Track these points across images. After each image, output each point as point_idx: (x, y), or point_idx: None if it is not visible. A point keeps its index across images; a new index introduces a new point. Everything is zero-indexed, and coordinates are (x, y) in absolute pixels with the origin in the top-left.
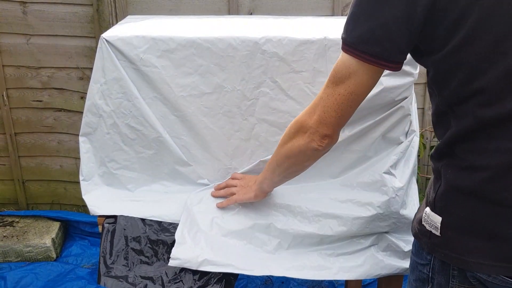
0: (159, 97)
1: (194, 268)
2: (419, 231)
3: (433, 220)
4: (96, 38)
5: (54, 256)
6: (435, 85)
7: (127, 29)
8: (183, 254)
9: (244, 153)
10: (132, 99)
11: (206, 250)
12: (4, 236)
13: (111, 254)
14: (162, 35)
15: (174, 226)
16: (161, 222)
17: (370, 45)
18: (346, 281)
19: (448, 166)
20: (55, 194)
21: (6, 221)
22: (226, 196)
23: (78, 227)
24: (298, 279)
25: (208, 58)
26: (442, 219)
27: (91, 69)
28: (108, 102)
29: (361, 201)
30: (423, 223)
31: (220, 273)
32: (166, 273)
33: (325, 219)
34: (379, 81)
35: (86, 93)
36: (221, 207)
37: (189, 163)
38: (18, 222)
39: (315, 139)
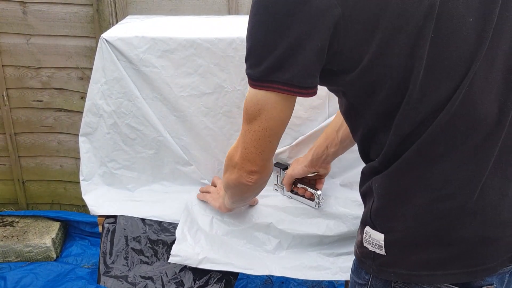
0: (159, 97)
1: (194, 265)
2: (362, 254)
3: (375, 238)
4: (96, 38)
5: (54, 256)
6: (361, 103)
7: (127, 29)
8: (184, 252)
9: None
10: (133, 99)
11: (206, 248)
12: (4, 236)
13: (111, 254)
14: (162, 35)
15: (174, 226)
16: (161, 222)
17: (279, 73)
18: (346, 281)
19: (378, 179)
20: (55, 194)
21: (6, 221)
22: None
23: (78, 227)
24: (298, 279)
25: (208, 58)
26: (385, 236)
27: (91, 69)
28: (109, 102)
29: (361, 201)
30: (364, 244)
31: (220, 272)
32: (166, 273)
33: (325, 219)
34: None
35: (86, 93)
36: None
37: (189, 162)
38: (18, 222)
39: (243, 175)
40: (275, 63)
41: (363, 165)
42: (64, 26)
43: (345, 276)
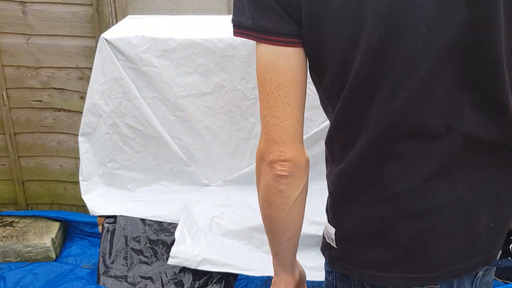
0: (159, 97)
1: (193, 267)
2: (322, 244)
3: (329, 232)
4: (96, 38)
5: (54, 256)
6: (317, 87)
7: (127, 29)
8: (183, 253)
9: (244, 152)
10: (132, 99)
11: (205, 249)
12: (4, 236)
13: (110, 254)
14: (162, 34)
15: (174, 226)
16: (161, 222)
17: (256, 20)
18: None
19: (330, 177)
20: (55, 194)
21: (6, 221)
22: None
23: (78, 227)
24: None
25: (208, 58)
26: (335, 230)
27: (91, 69)
28: (108, 102)
29: None
30: (324, 235)
31: (219, 273)
32: (166, 273)
33: (325, 220)
34: None
35: (86, 93)
36: None
37: (189, 163)
38: (17, 222)
39: (274, 168)
40: (253, 10)
41: None
42: (64, 26)
43: None
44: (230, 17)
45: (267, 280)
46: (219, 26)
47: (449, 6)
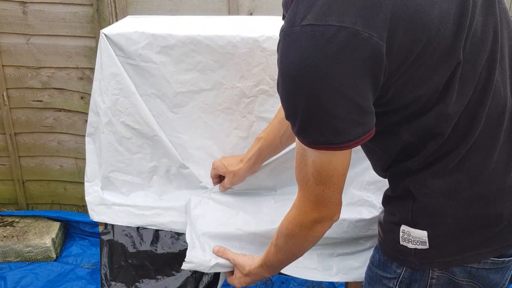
0: (157, 94)
1: (206, 271)
2: (399, 252)
3: (417, 236)
4: (96, 38)
5: (54, 256)
6: (402, 117)
7: (127, 25)
8: (196, 258)
9: (242, 150)
10: (129, 95)
11: (214, 254)
12: (4, 236)
13: (111, 270)
14: (162, 31)
15: (172, 235)
16: (158, 235)
17: (343, 136)
18: (346, 282)
19: (419, 180)
20: (55, 194)
21: (6, 221)
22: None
23: (78, 227)
24: (298, 279)
25: (208, 55)
26: (428, 232)
27: (91, 69)
28: (105, 98)
29: (362, 202)
30: (402, 243)
31: (217, 279)
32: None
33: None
34: None
35: (86, 93)
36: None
37: (186, 165)
38: (18, 222)
39: (322, 223)
40: (338, 129)
41: (364, 164)
42: (64, 26)
43: (345, 277)
44: (230, 17)
45: (267, 280)
46: (219, 24)
47: None
